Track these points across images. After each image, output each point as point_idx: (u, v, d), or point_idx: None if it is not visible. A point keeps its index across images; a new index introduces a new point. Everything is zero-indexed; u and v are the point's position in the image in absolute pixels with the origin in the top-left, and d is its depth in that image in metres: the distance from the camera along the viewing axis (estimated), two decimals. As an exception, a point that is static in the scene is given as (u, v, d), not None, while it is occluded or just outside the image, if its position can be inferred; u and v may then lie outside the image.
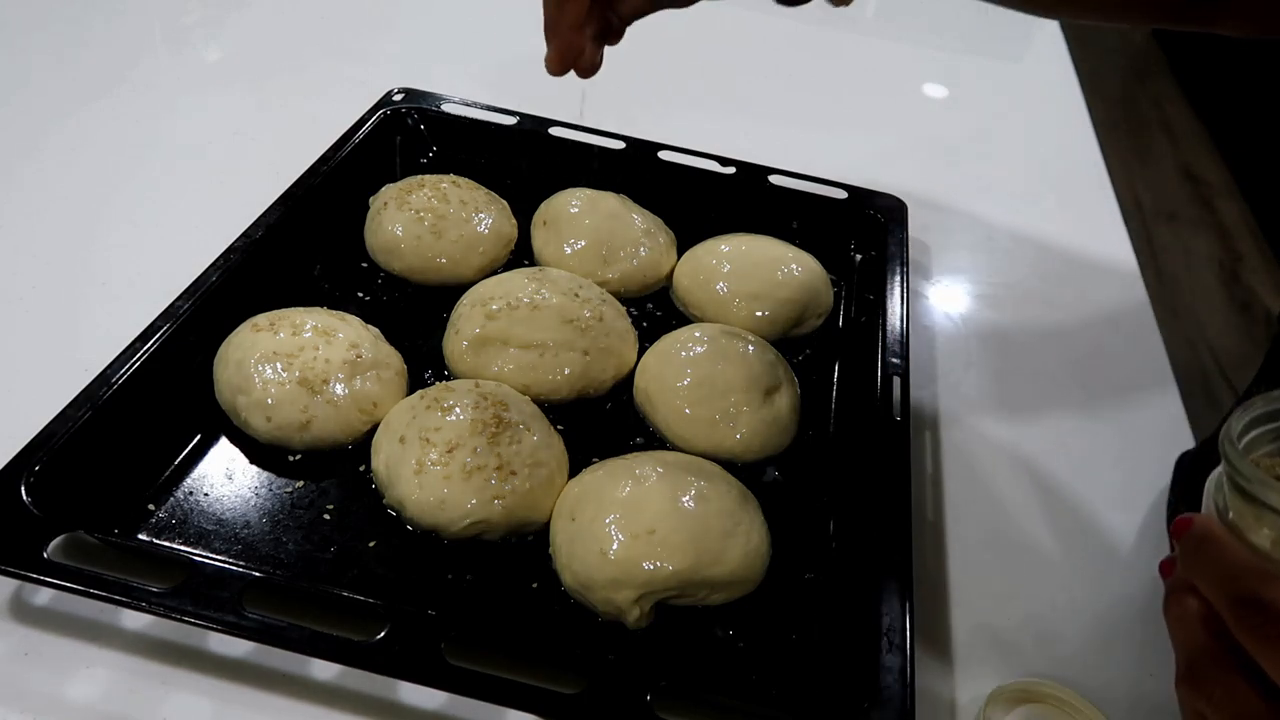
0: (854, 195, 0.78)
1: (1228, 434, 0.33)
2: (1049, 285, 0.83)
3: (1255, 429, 0.34)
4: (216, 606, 0.43)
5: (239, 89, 0.92)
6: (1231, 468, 0.33)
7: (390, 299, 0.68)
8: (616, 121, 0.80)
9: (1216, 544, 0.32)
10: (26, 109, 0.84)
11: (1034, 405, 0.71)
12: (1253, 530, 0.32)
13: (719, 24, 1.17)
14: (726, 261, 0.71)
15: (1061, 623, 0.57)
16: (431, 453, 0.53)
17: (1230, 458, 0.33)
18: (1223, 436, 0.33)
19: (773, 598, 0.53)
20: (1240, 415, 0.34)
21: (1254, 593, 0.30)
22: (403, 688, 0.47)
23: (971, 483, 0.64)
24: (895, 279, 0.70)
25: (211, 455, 0.55)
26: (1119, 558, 0.61)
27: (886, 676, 0.45)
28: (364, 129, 0.75)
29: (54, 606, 0.48)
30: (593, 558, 0.50)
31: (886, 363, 0.63)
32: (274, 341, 0.57)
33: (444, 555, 0.52)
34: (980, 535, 0.61)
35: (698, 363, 0.62)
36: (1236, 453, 0.33)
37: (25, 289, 0.66)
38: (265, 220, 0.65)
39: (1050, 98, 1.12)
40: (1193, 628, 0.32)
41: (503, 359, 0.62)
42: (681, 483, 0.53)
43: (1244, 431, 0.34)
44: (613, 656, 0.49)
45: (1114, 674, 0.54)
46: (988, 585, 0.58)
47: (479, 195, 0.73)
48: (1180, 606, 0.33)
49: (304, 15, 1.05)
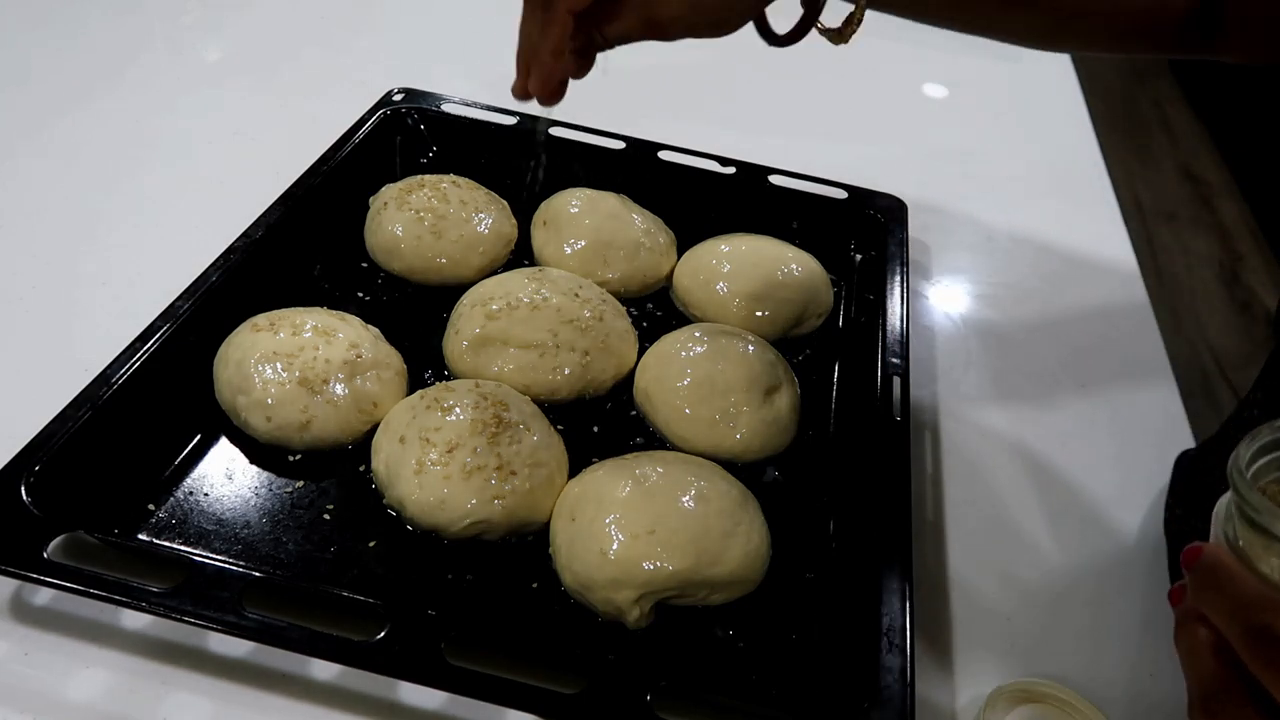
0: (854, 195, 0.78)
1: (1235, 464, 0.33)
2: (1049, 285, 0.83)
3: (1263, 457, 0.34)
4: (216, 606, 0.43)
5: (239, 89, 0.91)
6: (1240, 498, 0.33)
7: (390, 299, 0.68)
8: (616, 121, 0.80)
9: (1226, 574, 0.32)
10: (26, 109, 0.84)
11: (1034, 405, 0.71)
12: (1262, 560, 0.33)
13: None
14: (726, 261, 0.71)
15: (1062, 623, 0.57)
16: (431, 453, 0.53)
17: (1239, 488, 0.33)
18: (1230, 466, 0.33)
19: (773, 598, 0.53)
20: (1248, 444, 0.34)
21: (1266, 624, 0.30)
22: (403, 688, 0.47)
23: (972, 482, 0.64)
24: (895, 279, 0.70)
25: (211, 455, 0.55)
26: (1119, 558, 0.61)
27: (886, 676, 0.45)
28: (364, 129, 0.75)
29: (54, 606, 0.48)
30: (593, 558, 0.50)
31: (886, 363, 0.63)
32: (274, 341, 0.57)
33: (444, 555, 0.52)
34: (980, 535, 0.61)
35: (698, 363, 0.62)
36: (1245, 483, 0.33)
37: (25, 289, 0.66)
38: (265, 220, 0.65)
39: (1050, 98, 1.11)
40: (1205, 658, 0.32)
41: (503, 359, 0.62)
42: (681, 483, 0.53)
43: (1252, 460, 0.34)
44: (613, 656, 0.49)
45: (1114, 674, 0.54)
46: (988, 585, 0.58)
47: (479, 195, 0.73)
48: (1192, 636, 0.33)
49: (304, 15, 1.05)
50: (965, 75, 1.14)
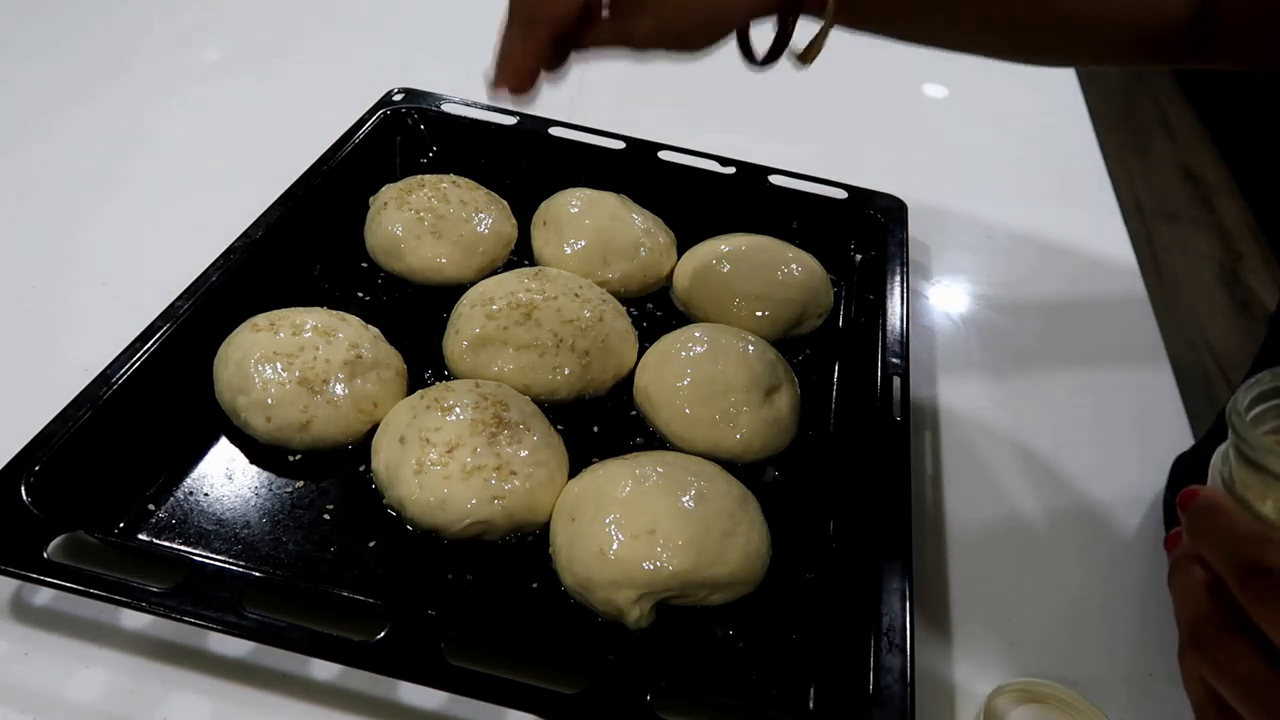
0: (854, 195, 0.78)
1: (1234, 406, 0.33)
2: (1049, 285, 0.83)
3: (1261, 404, 0.34)
4: (216, 606, 0.43)
5: (239, 89, 0.91)
6: (1239, 438, 0.33)
7: (390, 299, 0.68)
8: (616, 121, 0.80)
9: (1223, 513, 0.32)
10: (26, 109, 0.84)
11: (1034, 405, 0.71)
12: (1259, 501, 0.32)
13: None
14: (726, 261, 0.71)
15: (1062, 622, 0.57)
16: (431, 453, 0.53)
17: (1237, 428, 0.33)
18: (1229, 409, 0.33)
19: (773, 598, 0.53)
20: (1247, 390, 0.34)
21: (1259, 559, 0.30)
22: (403, 688, 0.47)
23: (971, 483, 0.64)
24: (895, 279, 0.70)
25: (211, 455, 0.55)
26: (1119, 557, 0.61)
27: (886, 676, 0.45)
28: (364, 129, 0.75)
29: (54, 606, 0.48)
30: (593, 558, 0.50)
31: (886, 363, 0.63)
32: (274, 341, 0.57)
33: (444, 555, 0.52)
34: (980, 535, 0.61)
35: (698, 363, 0.62)
36: (1244, 423, 0.33)
37: (25, 289, 0.66)
38: (265, 220, 0.65)
39: (1050, 97, 1.11)
40: (1197, 596, 0.33)
41: (503, 359, 0.62)
42: (681, 483, 0.53)
43: (1250, 406, 0.34)
44: (613, 656, 0.49)
45: (1114, 674, 0.54)
46: (988, 585, 0.58)
47: (479, 195, 0.73)
48: (1186, 576, 0.33)
49: (304, 15, 1.05)
50: (965, 75, 1.14)
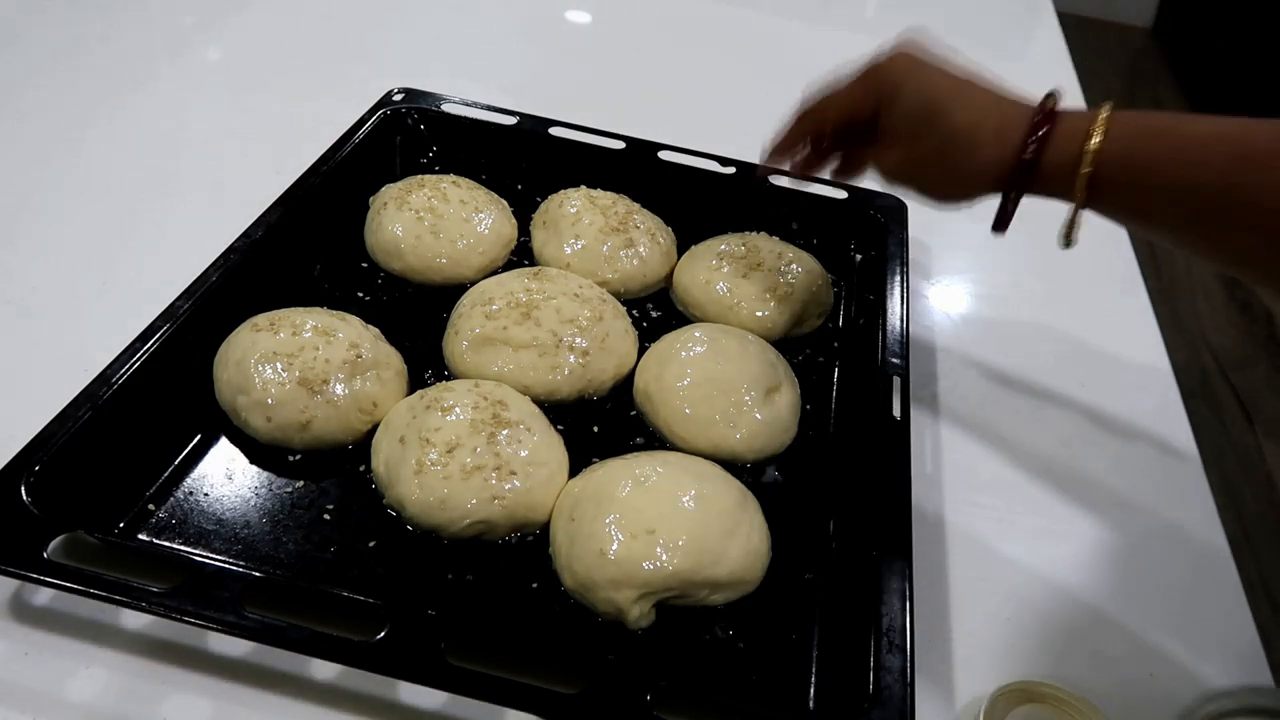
0: (854, 195, 0.78)
1: None
2: (1049, 285, 0.83)
3: None
4: (216, 606, 0.43)
5: (239, 89, 0.92)
6: None
7: (390, 299, 0.68)
8: (616, 121, 0.80)
9: None
10: (25, 109, 0.84)
11: (1033, 405, 0.71)
12: None
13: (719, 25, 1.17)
14: (726, 261, 0.71)
15: (1061, 623, 0.57)
16: (431, 453, 0.53)
17: None
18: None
19: (773, 598, 0.53)
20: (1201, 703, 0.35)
21: None
22: (403, 688, 0.47)
23: (971, 482, 0.64)
24: (895, 279, 0.70)
25: (211, 455, 0.55)
26: (1118, 558, 0.61)
27: (886, 676, 0.45)
28: (364, 129, 0.75)
29: (54, 606, 0.48)
30: (593, 558, 0.50)
31: (886, 363, 0.63)
32: (274, 341, 0.57)
33: (444, 555, 0.52)
34: (980, 535, 0.61)
35: (698, 363, 0.62)
36: None
37: (25, 289, 0.66)
38: (265, 220, 0.65)
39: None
40: None
41: (502, 359, 0.62)
42: (681, 483, 0.53)
43: None
44: (613, 656, 0.49)
45: (1114, 674, 0.54)
46: (988, 585, 0.58)
47: (479, 195, 0.73)
48: None
49: (304, 15, 1.05)
50: (965, 75, 1.14)
